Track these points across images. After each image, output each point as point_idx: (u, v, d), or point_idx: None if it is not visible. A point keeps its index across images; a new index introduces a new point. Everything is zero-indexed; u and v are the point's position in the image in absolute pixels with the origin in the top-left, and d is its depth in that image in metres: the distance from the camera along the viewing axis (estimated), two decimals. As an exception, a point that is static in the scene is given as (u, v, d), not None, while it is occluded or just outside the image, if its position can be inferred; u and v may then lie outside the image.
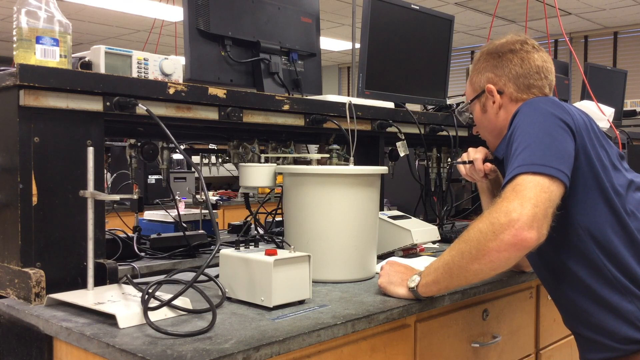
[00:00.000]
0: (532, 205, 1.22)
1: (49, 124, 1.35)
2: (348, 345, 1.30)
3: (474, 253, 1.26)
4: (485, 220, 1.26)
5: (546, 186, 1.25)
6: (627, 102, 4.37)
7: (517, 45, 1.55)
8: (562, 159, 1.30)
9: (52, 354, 1.26)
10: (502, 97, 1.55)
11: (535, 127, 1.34)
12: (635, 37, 8.41)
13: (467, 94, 1.66)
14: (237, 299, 1.37)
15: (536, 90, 1.53)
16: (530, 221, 1.21)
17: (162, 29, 5.04)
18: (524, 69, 1.53)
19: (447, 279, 1.35)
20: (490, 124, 1.60)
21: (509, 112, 1.52)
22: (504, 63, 1.55)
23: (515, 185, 1.26)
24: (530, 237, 1.21)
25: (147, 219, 2.30)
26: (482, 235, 1.25)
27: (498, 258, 1.24)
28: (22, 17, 1.34)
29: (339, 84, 11.44)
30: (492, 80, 1.57)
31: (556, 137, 1.32)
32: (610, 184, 1.37)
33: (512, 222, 1.21)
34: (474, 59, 1.64)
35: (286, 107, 1.77)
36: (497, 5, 4.62)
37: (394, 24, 2.23)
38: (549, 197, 1.25)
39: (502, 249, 1.22)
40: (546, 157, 1.28)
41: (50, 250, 1.36)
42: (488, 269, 1.28)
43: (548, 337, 2.00)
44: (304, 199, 1.59)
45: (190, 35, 1.76)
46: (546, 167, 1.27)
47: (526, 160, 1.29)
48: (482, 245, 1.24)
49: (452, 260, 1.32)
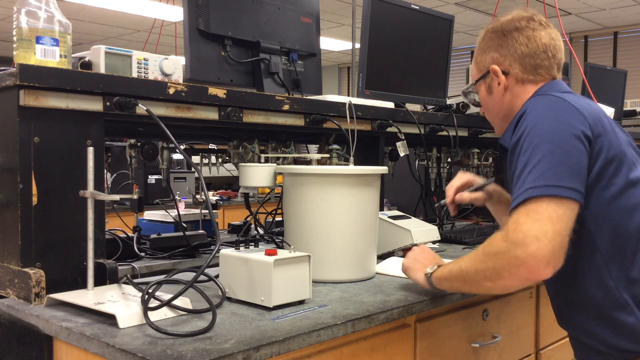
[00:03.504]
0: (549, 240, 1.16)
1: (49, 124, 1.35)
2: (348, 345, 1.30)
3: (488, 275, 1.25)
4: (501, 245, 1.21)
5: (561, 212, 1.19)
6: (627, 102, 4.37)
7: (523, 23, 1.47)
8: (574, 174, 1.23)
9: (52, 354, 1.26)
10: (508, 78, 1.49)
11: (546, 138, 1.26)
12: (635, 37, 8.41)
13: (472, 74, 1.59)
14: (237, 299, 1.37)
15: (543, 71, 1.46)
16: (548, 258, 1.16)
17: (162, 29, 5.05)
18: (530, 48, 1.45)
19: (460, 284, 1.37)
20: (497, 106, 1.53)
21: (515, 94, 1.48)
22: (509, 42, 1.47)
23: (530, 210, 1.20)
24: (546, 273, 1.18)
25: (147, 219, 2.30)
26: (498, 263, 1.22)
27: (512, 285, 1.25)
28: (22, 17, 1.34)
29: (339, 84, 11.43)
30: (497, 61, 1.49)
31: (568, 150, 1.25)
32: (624, 184, 1.31)
33: (529, 258, 1.16)
34: (478, 37, 1.57)
35: (286, 107, 1.77)
36: (497, 5, 4.62)
37: (394, 24, 2.23)
38: (565, 226, 1.19)
39: (517, 279, 1.22)
40: (559, 175, 1.22)
41: (50, 250, 1.36)
42: (500, 289, 1.34)
43: (548, 337, 2.00)
44: (304, 199, 1.59)
45: (190, 35, 1.75)
46: (560, 189, 1.20)
47: (538, 180, 1.22)
48: (496, 272, 1.23)
49: (467, 271, 1.32)
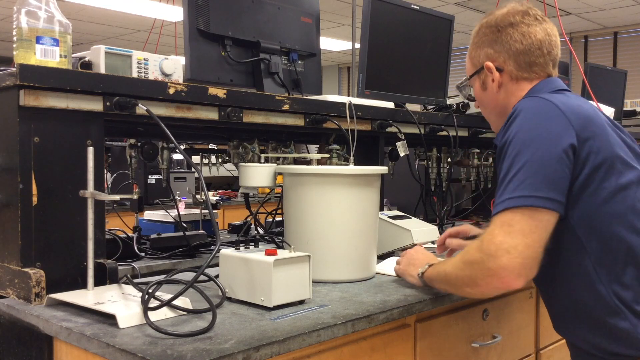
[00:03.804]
0: (519, 252, 1.19)
1: (49, 124, 1.35)
2: (348, 345, 1.30)
3: (466, 281, 1.31)
4: (476, 255, 1.25)
5: (534, 225, 1.21)
6: (627, 102, 4.37)
7: (518, 17, 1.44)
8: (551, 184, 1.23)
9: (52, 354, 1.26)
10: (502, 75, 1.46)
11: (527, 145, 1.26)
12: (635, 37, 8.41)
13: (466, 68, 1.57)
14: (237, 299, 1.37)
15: (538, 69, 1.44)
16: (519, 270, 1.20)
17: (162, 29, 5.05)
18: (524, 45, 1.42)
19: (445, 286, 1.43)
20: (492, 102, 1.52)
21: (510, 92, 1.46)
22: (503, 38, 1.44)
23: (504, 222, 1.22)
24: (517, 284, 1.23)
25: (147, 219, 2.30)
26: (473, 272, 1.27)
27: (488, 292, 1.30)
28: (22, 17, 1.34)
29: (339, 84, 11.43)
30: (491, 57, 1.47)
31: (547, 160, 1.24)
32: (614, 189, 1.28)
33: (500, 270, 1.20)
34: (473, 30, 1.54)
35: (286, 107, 1.77)
36: (497, 6, 4.61)
37: (394, 24, 2.23)
38: (538, 238, 1.21)
39: (490, 288, 1.26)
40: (535, 185, 1.22)
41: (50, 250, 1.36)
42: (480, 295, 1.36)
43: (548, 337, 2.00)
44: (304, 199, 1.59)
45: (190, 35, 1.75)
46: (535, 199, 1.21)
47: (516, 191, 1.23)
48: (472, 280, 1.28)
49: (450, 276, 1.37)
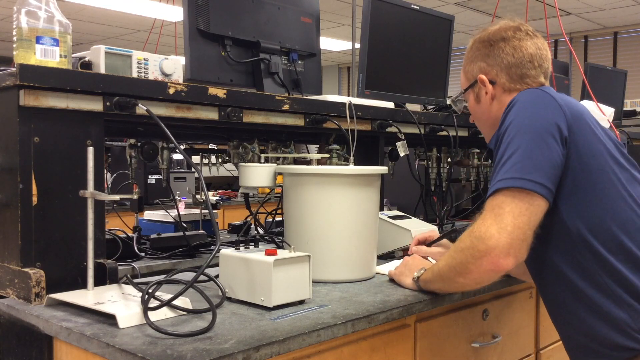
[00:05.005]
0: (508, 233, 1.24)
1: (49, 124, 1.35)
2: (348, 345, 1.30)
3: (458, 269, 1.33)
4: (467, 241, 1.30)
5: (524, 207, 1.25)
6: (627, 102, 4.37)
7: (510, 33, 1.49)
8: (542, 170, 1.27)
9: (52, 354, 1.26)
10: (495, 88, 1.51)
11: (522, 131, 1.31)
12: (635, 37, 8.41)
13: (461, 82, 1.62)
14: (237, 299, 1.37)
15: (530, 80, 1.48)
16: (507, 249, 1.24)
17: (162, 29, 5.04)
18: (516, 58, 1.47)
19: (440, 284, 1.44)
20: (485, 115, 1.56)
21: (503, 103, 1.49)
22: (495, 52, 1.49)
23: (494, 206, 1.27)
24: (507, 263, 1.25)
25: (147, 219, 2.30)
26: (464, 257, 1.30)
27: (480, 277, 1.32)
28: (22, 17, 1.34)
29: (339, 84, 11.43)
30: (484, 70, 1.52)
31: (540, 146, 1.29)
32: (605, 184, 1.32)
33: (489, 250, 1.24)
34: (467, 46, 1.59)
35: (286, 107, 1.77)
36: (497, 5, 4.61)
37: (394, 24, 2.23)
38: (527, 220, 1.25)
39: (482, 272, 1.29)
40: (527, 168, 1.27)
41: (50, 250, 1.36)
42: (473, 284, 1.37)
43: (548, 337, 2.00)
44: (304, 199, 1.59)
45: (190, 35, 1.75)
46: (526, 182, 1.25)
47: (507, 173, 1.28)
48: (464, 266, 1.31)
49: (442, 269, 1.40)
